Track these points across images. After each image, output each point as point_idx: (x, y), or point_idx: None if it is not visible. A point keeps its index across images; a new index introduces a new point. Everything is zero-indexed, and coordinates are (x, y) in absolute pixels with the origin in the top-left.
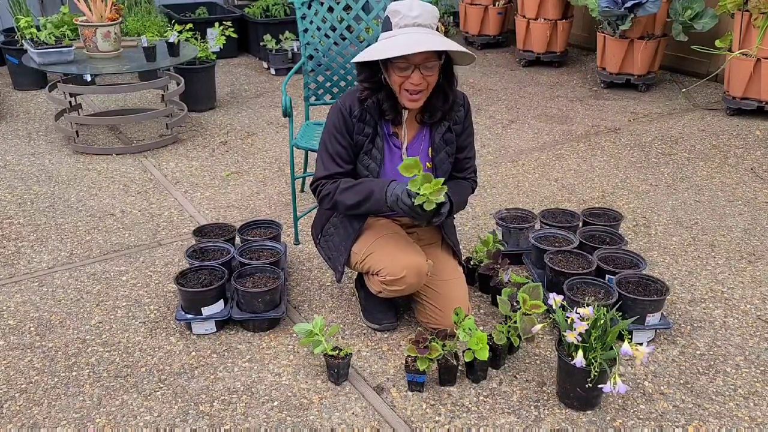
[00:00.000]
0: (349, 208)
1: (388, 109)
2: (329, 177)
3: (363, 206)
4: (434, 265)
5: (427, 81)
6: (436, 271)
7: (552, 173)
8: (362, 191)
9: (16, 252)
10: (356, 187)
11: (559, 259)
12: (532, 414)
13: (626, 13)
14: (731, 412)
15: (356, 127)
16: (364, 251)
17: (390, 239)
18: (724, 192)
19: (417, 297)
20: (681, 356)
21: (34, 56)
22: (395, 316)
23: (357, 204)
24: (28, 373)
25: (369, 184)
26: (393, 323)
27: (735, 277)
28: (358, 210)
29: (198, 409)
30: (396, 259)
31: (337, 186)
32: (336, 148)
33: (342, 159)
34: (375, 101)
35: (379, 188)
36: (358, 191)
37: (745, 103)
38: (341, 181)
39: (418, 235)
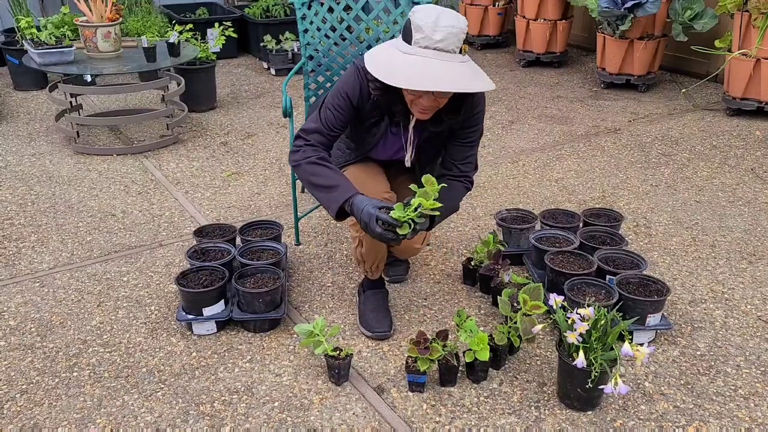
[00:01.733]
0: (307, 183)
1: (398, 113)
2: (313, 133)
3: (319, 192)
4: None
5: (438, 103)
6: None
7: (552, 174)
8: (327, 180)
9: (17, 252)
10: (324, 170)
11: (560, 260)
12: (532, 414)
13: (626, 14)
14: (732, 412)
15: (369, 104)
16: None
17: (360, 174)
18: (725, 192)
19: None
20: (681, 357)
21: (35, 56)
22: (389, 326)
23: (314, 187)
24: (29, 374)
25: (337, 177)
26: (385, 332)
27: (735, 278)
28: (313, 191)
29: (198, 409)
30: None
31: (308, 156)
32: (339, 114)
33: (332, 124)
34: (386, 100)
35: (343, 192)
36: (323, 176)
37: (745, 104)
38: (317, 154)
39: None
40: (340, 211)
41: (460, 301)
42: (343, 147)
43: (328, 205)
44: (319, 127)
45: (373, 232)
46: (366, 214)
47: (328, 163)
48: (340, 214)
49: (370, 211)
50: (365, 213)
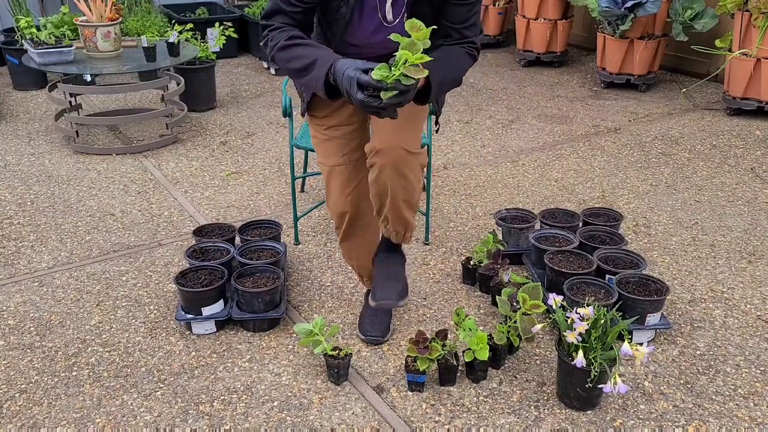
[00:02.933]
0: (289, 74)
1: None
2: (275, 14)
3: (302, 77)
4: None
5: None
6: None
7: (552, 173)
8: (303, 60)
9: (16, 252)
10: (297, 49)
11: (559, 259)
12: (532, 414)
13: (626, 13)
14: (731, 412)
15: None
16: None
17: (339, 162)
18: (724, 192)
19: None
20: (681, 356)
21: (34, 56)
22: (383, 332)
23: (296, 72)
24: (28, 373)
25: (313, 50)
26: (377, 337)
27: (735, 277)
28: (298, 79)
29: (198, 409)
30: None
31: (277, 42)
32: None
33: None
34: None
35: (322, 63)
36: (299, 57)
37: (745, 103)
38: (286, 34)
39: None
40: (330, 88)
41: (460, 300)
42: (315, 36)
43: (314, 85)
44: (277, 4)
45: (354, 99)
46: (346, 79)
47: (301, 39)
48: (331, 91)
49: (350, 74)
50: (345, 78)
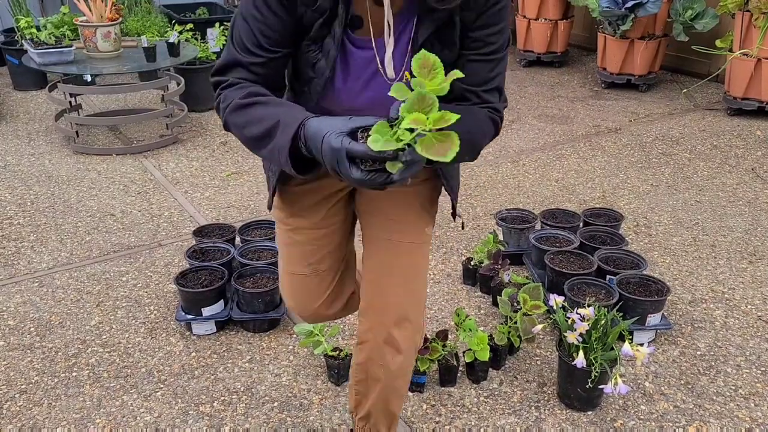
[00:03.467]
0: (246, 144)
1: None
2: (230, 68)
3: (262, 147)
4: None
5: None
6: (389, 227)
7: (552, 173)
8: (261, 121)
9: (16, 252)
10: (254, 110)
11: (560, 260)
12: (532, 415)
13: (627, 13)
14: (732, 412)
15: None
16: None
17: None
18: (725, 192)
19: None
20: (682, 357)
21: (34, 56)
22: None
23: (254, 141)
24: (28, 374)
25: (275, 109)
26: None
27: (736, 278)
28: (259, 152)
29: (198, 409)
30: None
31: (230, 101)
32: (258, 25)
33: (251, 42)
34: None
35: (287, 123)
36: (255, 119)
37: (745, 104)
38: (242, 91)
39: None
40: (301, 159)
41: (460, 301)
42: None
43: (278, 158)
44: (232, 54)
45: (349, 179)
46: (330, 152)
47: (262, 96)
48: (301, 163)
49: (334, 145)
50: (327, 149)
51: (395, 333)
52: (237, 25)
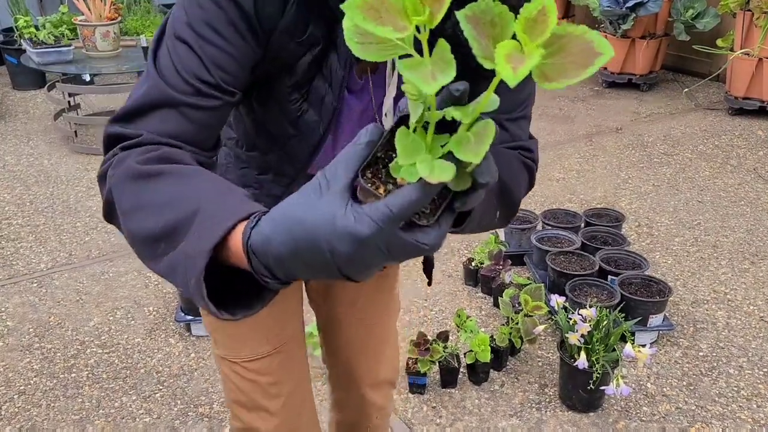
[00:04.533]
0: (130, 240)
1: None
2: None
3: (161, 251)
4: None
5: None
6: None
7: (554, 173)
8: (167, 206)
9: (15, 253)
10: (160, 182)
11: (561, 260)
12: (534, 416)
13: (628, 13)
14: (734, 413)
15: (289, 13)
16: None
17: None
18: (727, 192)
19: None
20: (684, 358)
21: (33, 56)
22: None
23: (146, 239)
24: (27, 375)
25: (193, 184)
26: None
27: (738, 278)
28: (151, 258)
29: (197, 411)
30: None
31: (124, 166)
32: (211, 50)
33: (220, 71)
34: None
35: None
36: (158, 199)
37: (747, 103)
38: (150, 155)
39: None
40: (214, 273)
41: (461, 301)
42: (233, 161)
43: (185, 280)
44: (159, 89)
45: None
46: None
47: (175, 164)
48: (214, 293)
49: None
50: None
51: (369, 406)
52: (168, 47)
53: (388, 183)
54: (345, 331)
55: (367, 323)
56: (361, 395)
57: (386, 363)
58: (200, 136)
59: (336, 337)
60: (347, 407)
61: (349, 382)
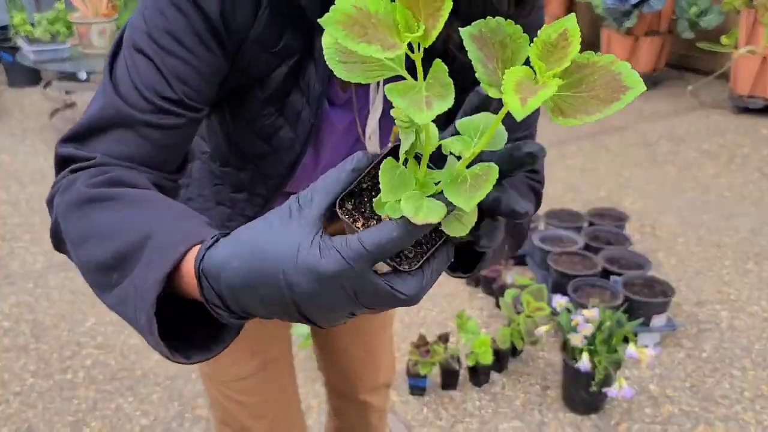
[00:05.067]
0: (82, 271)
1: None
2: (104, 130)
3: (106, 288)
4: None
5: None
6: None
7: (556, 172)
8: (117, 231)
9: (10, 253)
10: (111, 208)
11: (564, 260)
12: (536, 418)
13: (631, 10)
14: (737, 415)
15: (261, 22)
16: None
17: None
18: (731, 192)
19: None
20: (687, 359)
21: (29, 53)
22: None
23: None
24: (23, 376)
25: (152, 211)
26: None
27: (742, 279)
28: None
29: (194, 413)
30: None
31: (83, 186)
32: (173, 62)
33: (183, 85)
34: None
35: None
36: (106, 226)
37: (752, 102)
38: (100, 178)
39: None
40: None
41: (462, 302)
42: (207, 175)
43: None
44: (115, 106)
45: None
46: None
47: (126, 187)
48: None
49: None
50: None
51: (373, 400)
52: (125, 59)
53: (371, 219)
54: (340, 340)
55: (363, 331)
56: (361, 402)
57: (384, 368)
58: (161, 157)
59: (331, 346)
60: (346, 414)
61: (346, 389)
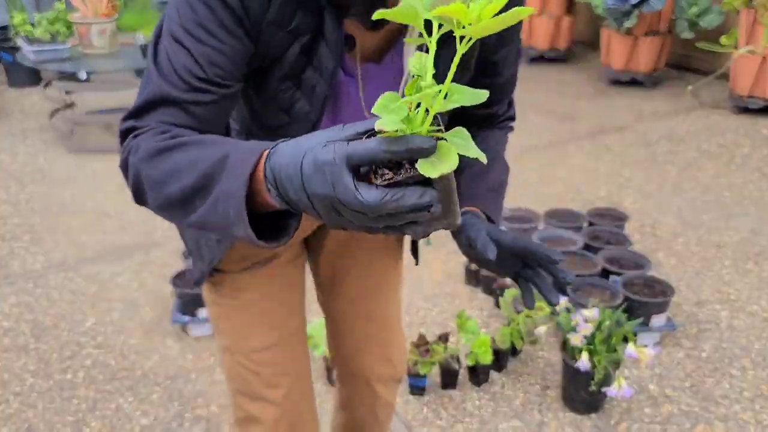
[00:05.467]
0: (163, 207)
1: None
2: (155, 107)
3: (195, 206)
4: (366, 278)
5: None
6: (365, 293)
7: (556, 172)
8: (194, 165)
9: (10, 253)
10: (182, 153)
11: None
12: (535, 418)
13: (631, 10)
14: (737, 415)
15: (275, 4)
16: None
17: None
18: (731, 192)
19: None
20: (687, 359)
21: (29, 53)
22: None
23: (182, 200)
24: (23, 376)
25: (219, 147)
26: None
27: (741, 279)
28: (187, 215)
29: (195, 412)
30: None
31: (143, 148)
32: (204, 49)
33: (215, 68)
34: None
35: (241, 156)
36: (183, 165)
37: (751, 102)
38: (164, 136)
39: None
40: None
41: (462, 302)
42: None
43: (223, 219)
44: (160, 88)
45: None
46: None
47: (189, 136)
48: (265, 228)
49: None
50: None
51: (377, 398)
52: (165, 47)
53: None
54: (352, 327)
55: (374, 317)
56: (372, 391)
57: (394, 358)
58: (205, 128)
59: (344, 333)
60: (356, 405)
61: (359, 378)
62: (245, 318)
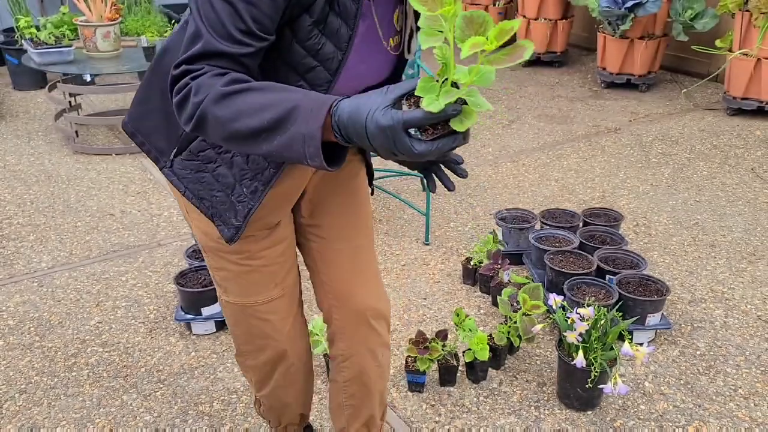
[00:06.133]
0: (237, 138)
1: None
2: (208, 57)
3: (270, 140)
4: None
5: None
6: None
7: (552, 173)
8: (267, 108)
9: (16, 252)
10: (252, 96)
11: (560, 260)
12: (532, 414)
13: (626, 13)
14: (731, 412)
15: None
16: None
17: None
18: (725, 192)
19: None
20: (681, 356)
21: (34, 56)
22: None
23: (256, 134)
24: (28, 374)
25: (282, 93)
26: None
27: (735, 278)
28: (259, 147)
29: (198, 409)
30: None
31: (208, 92)
32: (248, 7)
33: (257, 24)
34: None
35: (312, 107)
36: (257, 106)
37: (745, 103)
38: (225, 79)
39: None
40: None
41: (460, 300)
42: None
43: (301, 150)
44: (211, 43)
45: (411, 153)
46: (381, 132)
47: (251, 82)
48: (331, 154)
49: (386, 122)
50: (377, 130)
51: (376, 337)
52: (213, 5)
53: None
54: (337, 255)
55: (355, 253)
56: (371, 329)
57: (379, 291)
58: (248, 74)
59: (335, 262)
60: (360, 352)
61: (359, 315)
62: (252, 279)
